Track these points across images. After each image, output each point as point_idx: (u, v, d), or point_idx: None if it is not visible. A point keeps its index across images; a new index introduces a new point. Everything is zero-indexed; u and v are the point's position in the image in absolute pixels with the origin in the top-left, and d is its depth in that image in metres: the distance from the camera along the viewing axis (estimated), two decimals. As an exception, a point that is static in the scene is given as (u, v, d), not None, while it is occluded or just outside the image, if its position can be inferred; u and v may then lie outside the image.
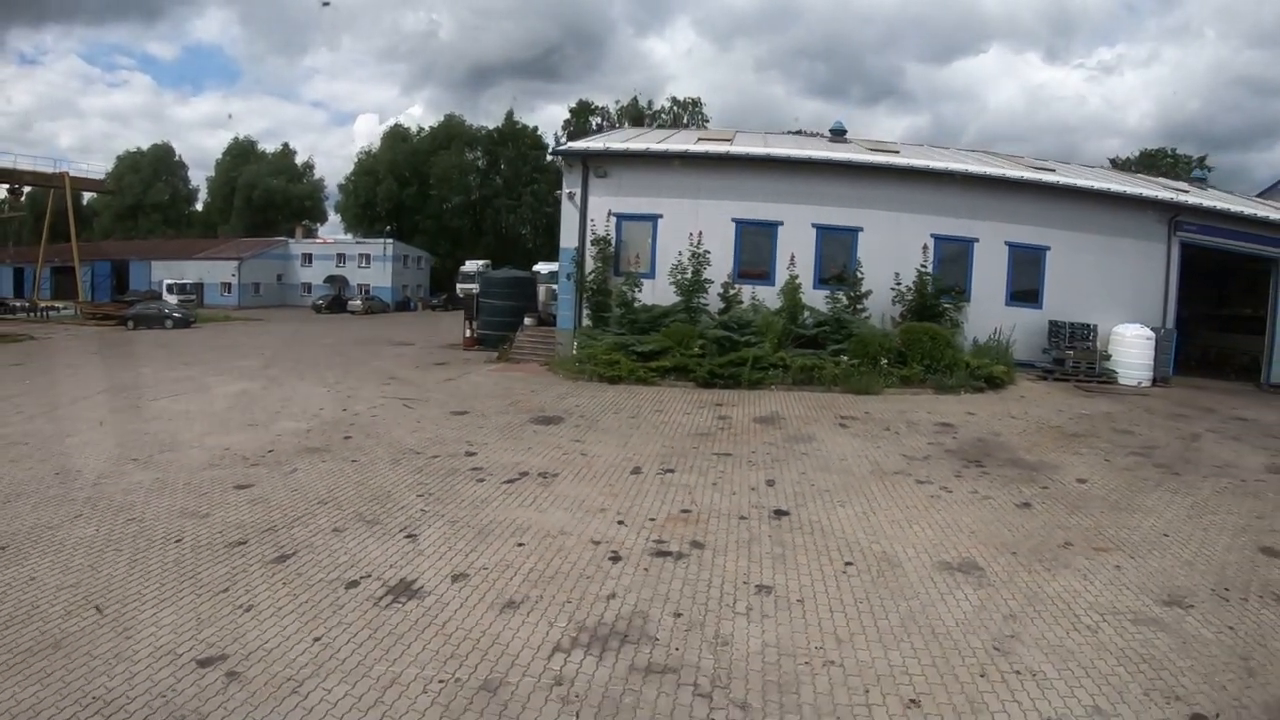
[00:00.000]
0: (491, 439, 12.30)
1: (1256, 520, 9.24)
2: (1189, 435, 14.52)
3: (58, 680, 5.06)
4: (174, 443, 12.10)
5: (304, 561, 7.10)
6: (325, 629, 5.78)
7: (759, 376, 17.49)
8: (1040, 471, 11.16)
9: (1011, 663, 5.55)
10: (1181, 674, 5.46)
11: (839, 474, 10.57)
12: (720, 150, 22.07)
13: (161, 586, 6.58)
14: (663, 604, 6.31)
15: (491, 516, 8.41)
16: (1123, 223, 22.69)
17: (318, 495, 9.17)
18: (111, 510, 8.65)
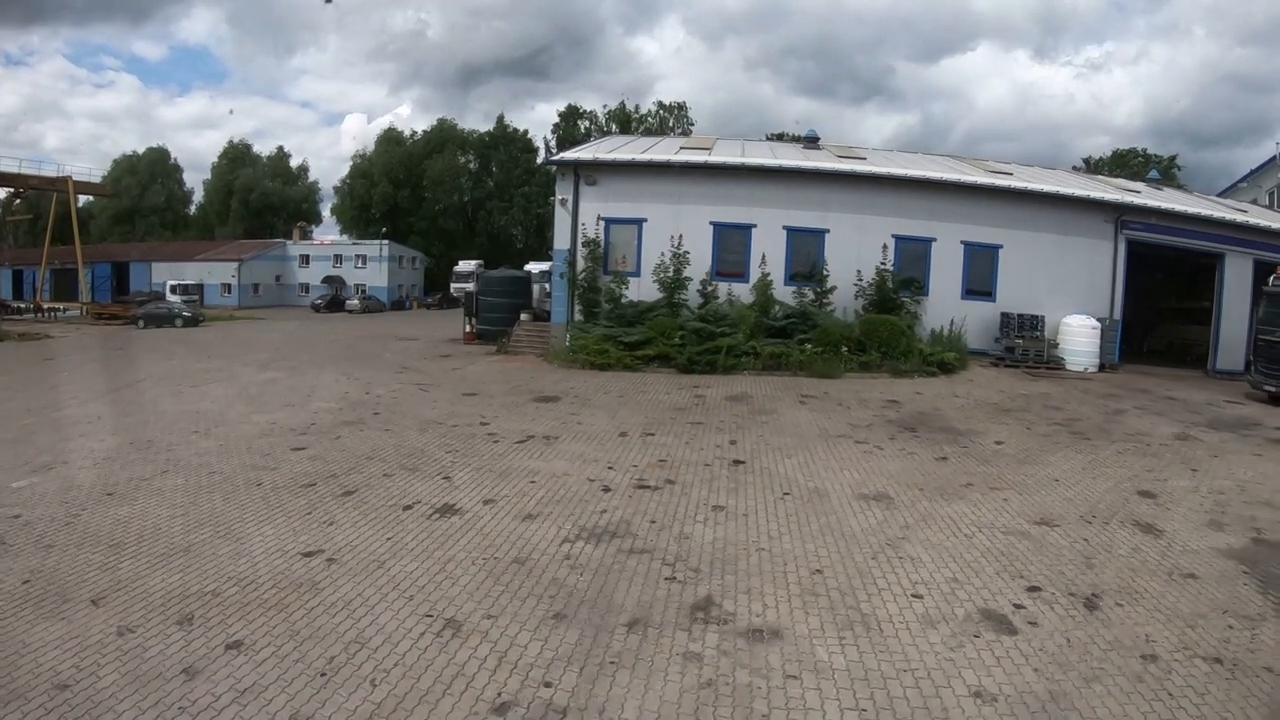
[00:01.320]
0: (500, 413, 14.37)
1: (1145, 473, 11.32)
2: (1113, 410, 16.59)
3: (197, 570, 7.04)
4: (224, 419, 14.07)
5: (365, 495, 9.15)
6: (393, 533, 7.84)
7: (733, 363, 19.59)
8: (965, 436, 13.26)
9: (897, 552, 7.63)
10: (1031, 565, 7.52)
11: (791, 436, 12.68)
12: (699, 159, 24.21)
13: (256, 513, 8.59)
14: (642, 516, 8.42)
15: (508, 465, 10.50)
16: (1072, 222, 24.80)
17: (363, 453, 11.21)
18: (191, 467, 10.63)
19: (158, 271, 66.32)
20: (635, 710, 4.82)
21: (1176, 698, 5.15)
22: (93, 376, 20.66)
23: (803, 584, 6.79)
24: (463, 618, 6.00)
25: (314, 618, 6.00)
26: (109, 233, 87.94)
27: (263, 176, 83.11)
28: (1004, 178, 26.53)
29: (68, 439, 12.48)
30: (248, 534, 7.92)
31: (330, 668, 5.26)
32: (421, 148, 76.17)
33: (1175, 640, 5.98)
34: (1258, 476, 11.30)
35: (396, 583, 6.67)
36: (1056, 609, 6.47)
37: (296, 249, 69.19)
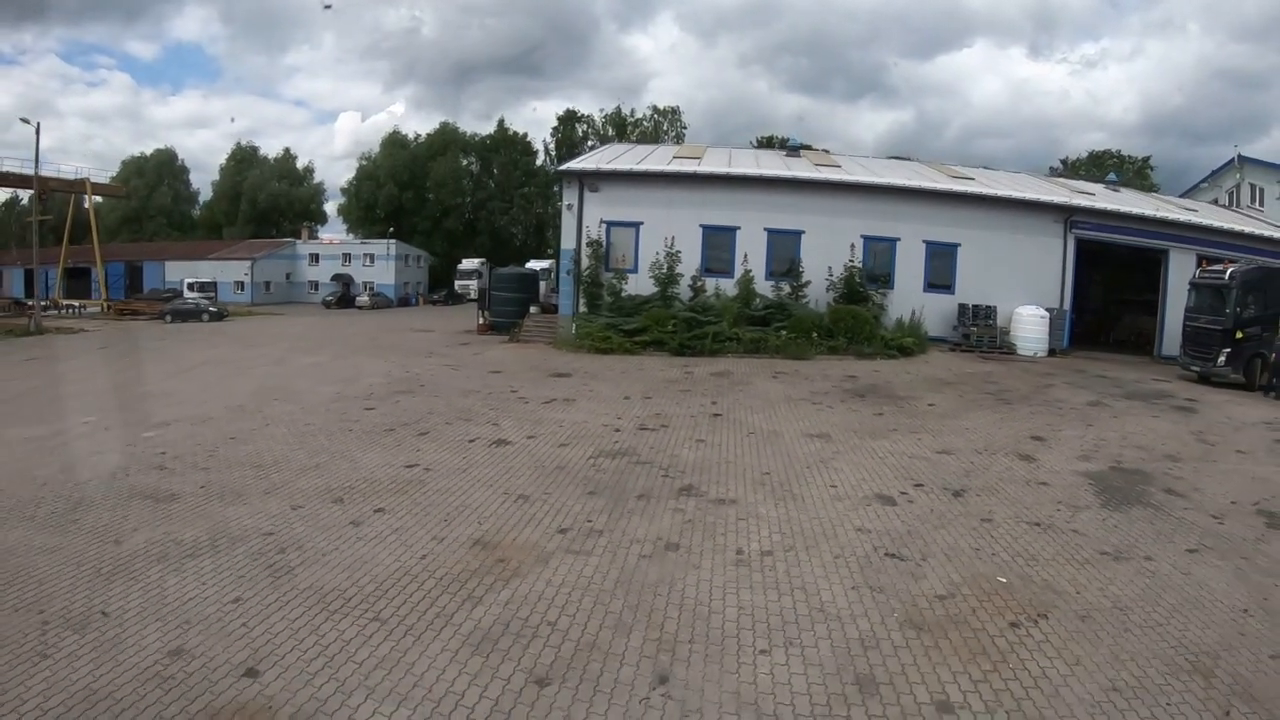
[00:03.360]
0: (524, 384, 17.43)
1: (1046, 426, 14.33)
2: (1044, 385, 19.53)
3: (330, 476, 10.05)
4: (294, 391, 17.04)
5: (436, 435, 12.24)
6: (465, 455, 10.93)
7: (718, 347, 22.65)
8: (904, 400, 16.32)
9: (827, 466, 10.72)
10: (923, 474, 10.57)
11: (761, 400, 15.78)
12: (690, 170, 27.33)
13: (358, 446, 11.63)
14: (644, 445, 11.55)
15: (539, 416, 13.62)
16: (1025, 222, 27.77)
17: (423, 411, 14.27)
18: (288, 421, 13.61)
19: (170, 270, 68.88)
20: (644, 532, 7.91)
21: (997, 538, 8.19)
22: (155, 361, 23.52)
23: (754, 479, 9.91)
24: (528, 494, 9.11)
25: (428, 496, 9.07)
26: (118, 232, 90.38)
27: (269, 178, 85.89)
28: (963, 183, 29.57)
29: (168, 405, 15.40)
30: (357, 457, 10.96)
31: (449, 518, 8.33)
32: (425, 150, 79.25)
33: (1011, 514, 9.03)
34: (1144, 430, 14.22)
35: (478, 479, 9.76)
36: (930, 495, 9.56)
37: (306, 248, 72.04)
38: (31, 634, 5.83)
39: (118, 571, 7.00)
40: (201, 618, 6.08)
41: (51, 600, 6.43)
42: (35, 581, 6.80)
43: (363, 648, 5.59)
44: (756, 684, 5.19)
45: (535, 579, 6.80)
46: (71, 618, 6.09)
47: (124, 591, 6.59)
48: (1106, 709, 5.08)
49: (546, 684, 5.15)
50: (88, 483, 9.87)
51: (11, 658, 5.46)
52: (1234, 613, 6.64)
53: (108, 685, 5.13)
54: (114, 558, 7.34)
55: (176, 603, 6.36)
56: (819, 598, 6.52)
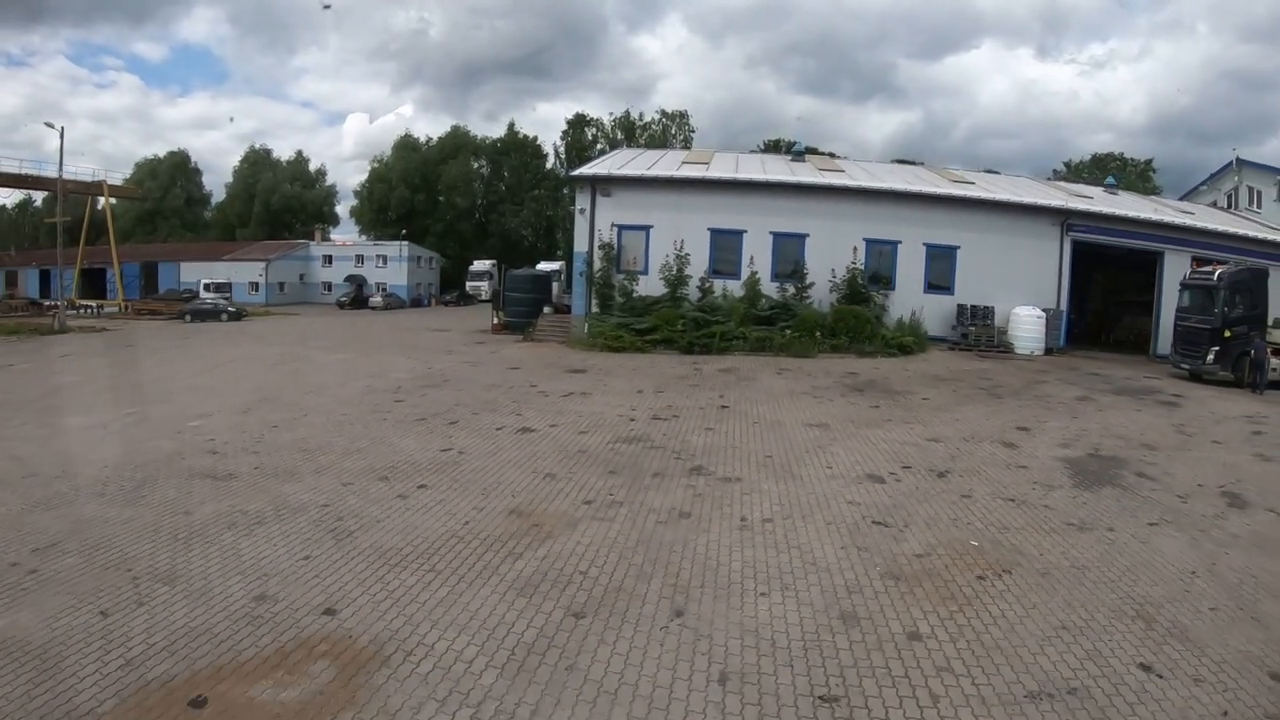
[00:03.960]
0: (542, 379, 18.44)
1: (1032, 417, 15.28)
2: (1036, 381, 20.45)
3: (372, 459, 11.03)
4: (325, 385, 18.04)
5: (465, 423, 13.25)
6: (494, 441, 11.93)
7: (725, 345, 23.65)
8: (901, 394, 17.27)
9: (824, 451, 11.69)
10: (911, 458, 11.52)
11: (765, 394, 16.76)
12: (698, 175, 28.33)
13: (394, 432, 12.64)
14: (658, 432, 12.55)
15: (560, 407, 14.62)
16: (1022, 225, 28.66)
17: (450, 403, 15.28)
18: (324, 412, 14.61)
19: (185, 271, 70.05)
20: (659, 503, 8.91)
21: (973, 511, 9.15)
22: (184, 358, 24.57)
23: (758, 461, 10.91)
24: (555, 473, 10.12)
25: (465, 475, 10.08)
26: (131, 233, 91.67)
27: (282, 180, 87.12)
28: (963, 187, 30.53)
29: (205, 398, 16.44)
30: (395, 442, 11.97)
31: (486, 492, 9.34)
32: (436, 153, 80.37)
33: (989, 491, 9.99)
34: (1125, 422, 15.15)
35: (508, 460, 10.78)
36: (916, 476, 10.54)
37: (319, 249, 73.12)
38: (125, 587, 6.77)
39: (193, 536, 7.98)
40: (277, 571, 7.07)
41: (137, 560, 7.39)
42: (119, 546, 7.75)
43: (423, 592, 6.59)
44: (757, 618, 6.17)
45: (566, 540, 7.80)
46: (158, 574, 7.05)
47: (203, 553, 7.56)
48: (1054, 642, 6.01)
49: (582, 616, 6.14)
50: (147, 464, 10.84)
51: (112, 604, 6.42)
52: (1182, 574, 7.55)
53: (204, 624, 6.08)
54: (187, 526, 8.32)
55: (252, 560, 7.34)
56: (811, 555, 7.50)
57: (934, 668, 5.51)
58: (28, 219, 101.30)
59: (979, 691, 5.25)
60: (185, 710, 4.90)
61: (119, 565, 7.26)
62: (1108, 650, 5.93)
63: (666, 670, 5.38)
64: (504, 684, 5.17)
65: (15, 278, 75.33)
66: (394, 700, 4.97)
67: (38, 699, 5.00)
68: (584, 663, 5.46)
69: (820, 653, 5.67)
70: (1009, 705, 5.10)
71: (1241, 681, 5.56)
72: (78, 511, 8.83)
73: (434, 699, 4.99)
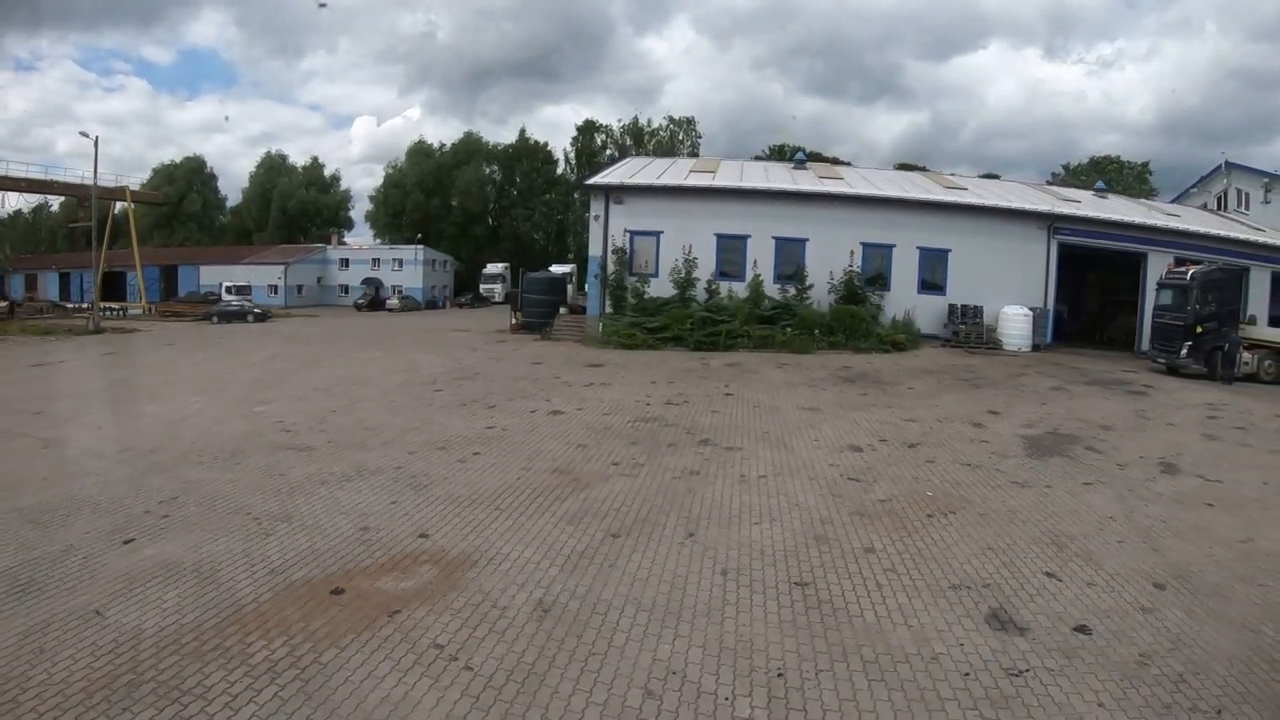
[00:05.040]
0: (564, 372, 20.37)
1: (1004, 404, 17.10)
2: (1017, 374, 22.20)
3: (427, 435, 12.90)
4: (366, 378, 19.94)
5: (502, 408, 15.16)
6: (530, 421, 13.86)
7: (731, 343, 25.55)
8: (888, 385, 19.11)
9: (813, 428, 13.57)
10: (888, 434, 13.35)
11: (766, 384, 18.65)
12: (705, 184, 30.30)
13: (440, 415, 14.54)
14: (670, 414, 14.48)
15: (583, 395, 16.54)
16: (1011, 229, 30.46)
17: (484, 392, 17.20)
18: (374, 399, 16.52)
19: (205, 274, 72.02)
20: (674, 465, 10.82)
21: (934, 472, 11.01)
22: (227, 356, 26.44)
23: (756, 436, 12.82)
24: (585, 444, 12.06)
25: (510, 446, 12.00)
26: (149, 237, 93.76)
27: (298, 185, 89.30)
28: (955, 193, 32.36)
29: (260, 389, 18.28)
30: (444, 422, 13.87)
31: (530, 458, 11.25)
32: (450, 159, 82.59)
33: (951, 459, 11.84)
34: (1090, 408, 16.88)
35: (545, 435, 12.72)
36: (890, 446, 12.41)
37: (336, 253, 75.26)
38: (250, 525, 8.59)
39: (295, 491, 9.86)
40: (374, 511, 8.96)
41: (253, 507, 9.21)
42: (232, 498, 9.56)
43: (493, 523, 8.49)
44: (751, 538, 8.07)
45: (601, 489, 9.72)
46: (275, 516, 8.88)
47: (307, 501, 9.43)
48: (979, 556, 7.85)
49: (618, 536, 8.06)
50: (230, 440, 12.65)
51: (245, 535, 8.23)
52: (1102, 519, 9.33)
53: (325, 547, 7.93)
54: (286, 483, 10.19)
55: (350, 505, 9.22)
56: (795, 500, 9.40)
57: (881, 569, 7.40)
58: (44, 222, 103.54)
59: (913, 583, 7.12)
60: (328, 597, 6.74)
61: (238, 511, 9.08)
62: (1021, 563, 7.75)
63: (683, 568, 7.29)
64: (564, 575, 7.08)
65: (35, 281, 76.72)
66: (486, 585, 6.87)
67: (207, 595, 6.78)
68: (622, 563, 7.37)
69: (797, 559, 7.56)
70: (935, 592, 6.96)
71: (1127, 587, 7.29)
72: (184, 475, 10.60)
73: (515, 584, 6.90)
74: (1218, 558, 8.11)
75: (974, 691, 5.36)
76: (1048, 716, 5.11)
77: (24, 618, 6.25)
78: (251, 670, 5.43)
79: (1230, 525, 9.20)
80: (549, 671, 5.43)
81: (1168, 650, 6.05)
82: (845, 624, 6.26)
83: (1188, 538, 8.72)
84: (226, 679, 5.32)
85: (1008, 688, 5.42)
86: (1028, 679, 5.53)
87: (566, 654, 5.67)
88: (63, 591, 6.78)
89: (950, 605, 6.69)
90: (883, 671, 5.56)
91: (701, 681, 5.34)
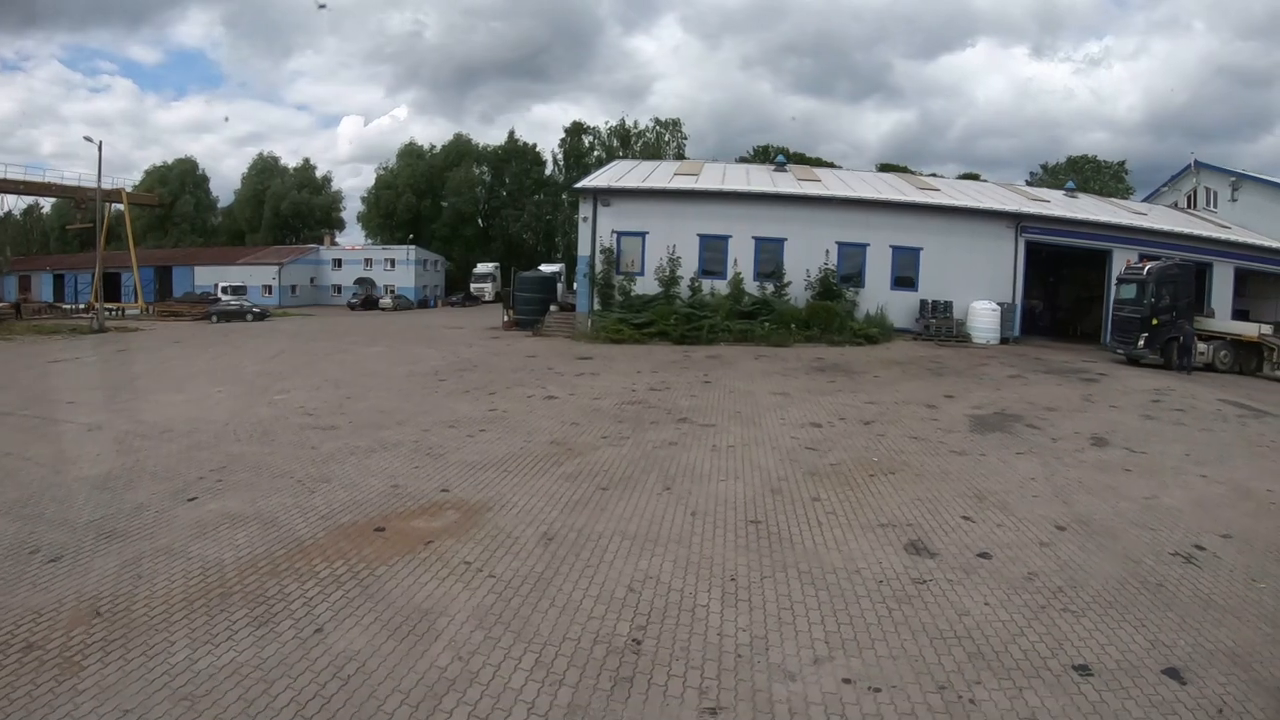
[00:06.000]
0: (556, 363, 21.94)
1: (961, 389, 18.69)
2: (980, 364, 23.79)
3: (435, 418, 14.40)
4: (373, 370, 21.43)
5: (501, 394, 16.72)
6: (527, 404, 15.40)
7: (712, 337, 27.20)
8: (856, 374, 20.73)
9: (781, 409, 15.16)
10: (848, 413, 14.94)
11: (743, 373, 20.26)
12: (689, 186, 31.96)
13: (447, 401, 16.06)
14: (653, 398, 16.08)
15: (574, 383, 18.13)
16: (980, 228, 32.17)
17: (484, 380, 18.75)
18: (382, 389, 17.99)
19: (200, 275, 73.03)
20: (655, 437, 12.41)
21: (883, 443, 12.59)
22: (237, 351, 27.74)
23: (729, 415, 14.43)
24: (578, 422, 13.65)
25: (511, 424, 13.57)
26: (143, 238, 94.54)
27: (290, 187, 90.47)
28: (928, 194, 34.09)
29: (275, 380, 19.65)
30: (451, 406, 15.40)
31: (529, 433, 12.81)
32: (441, 161, 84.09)
33: (900, 433, 13.43)
34: (1041, 393, 18.46)
35: (542, 414, 14.31)
36: (848, 423, 14.02)
37: (329, 253, 76.54)
38: (295, 485, 10.04)
39: (328, 460, 11.36)
40: (400, 473, 10.48)
41: (294, 473, 10.67)
42: (274, 466, 11.03)
43: (503, 481, 10.06)
44: (717, 491, 9.67)
45: (592, 456, 11.31)
46: (315, 478, 10.35)
47: (340, 467, 10.93)
48: (909, 505, 9.42)
49: (607, 489, 9.66)
50: (260, 422, 14.09)
51: (293, 493, 9.69)
52: (1023, 479, 10.89)
53: (363, 499, 9.42)
54: (319, 455, 11.68)
55: (379, 469, 10.74)
56: (758, 464, 11.01)
57: (824, 512, 9.00)
58: (34, 224, 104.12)
59: (848, 522, 8.72)
60: (373, 534, 8.26)
61: (282, 475, 10.55)
62: (943, 510, 9.34)
63: (659, 511, 8.89)
64: (563, 516, 8.67)
65: (29, 282, 77.06)
66: (500, 523, 8.44)
67: (271, 534, 8.27)
68: (610, 508, 8.97)
69: (754, 505, 9.17)
70: (865, 528, 8.55)
71: (1032, 528, 8.82)
72: (226, 450, 12.06)
73: (524, 522, 8.47)
74: (1120, 509, 9.59)
75: (884, 592, 6.93)
76: (939, 609, 6.66)
77: (118, 555, 7.71)
78: (320, 581, 6.96)
79: (1141, 486, 10.68)
80: (554, 577, 7.01)
81: (1054, 571, 7.60)
82: (788, 548, 7.85)
83: (1098, 494, 10.22)
84: (301, 588, 6.84)
85: (911, 591, 6.99)
86: (930, 586, 7.11)
87: (568, 566, 7.25)
88: (145, 536, 8.24)
89: (876, 538, 8.27)
90: (814, 579, 7.14)
91: (671, 582, 6.92)
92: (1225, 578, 7.52)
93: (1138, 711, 5.21)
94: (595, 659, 5.63)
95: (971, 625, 6.36)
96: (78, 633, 6.04)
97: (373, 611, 6.34)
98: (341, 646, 5.76)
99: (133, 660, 5.62)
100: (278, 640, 5.88)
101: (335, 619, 6.21)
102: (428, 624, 6.12)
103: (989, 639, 6.13)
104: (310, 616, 6.26)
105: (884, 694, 5.31)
